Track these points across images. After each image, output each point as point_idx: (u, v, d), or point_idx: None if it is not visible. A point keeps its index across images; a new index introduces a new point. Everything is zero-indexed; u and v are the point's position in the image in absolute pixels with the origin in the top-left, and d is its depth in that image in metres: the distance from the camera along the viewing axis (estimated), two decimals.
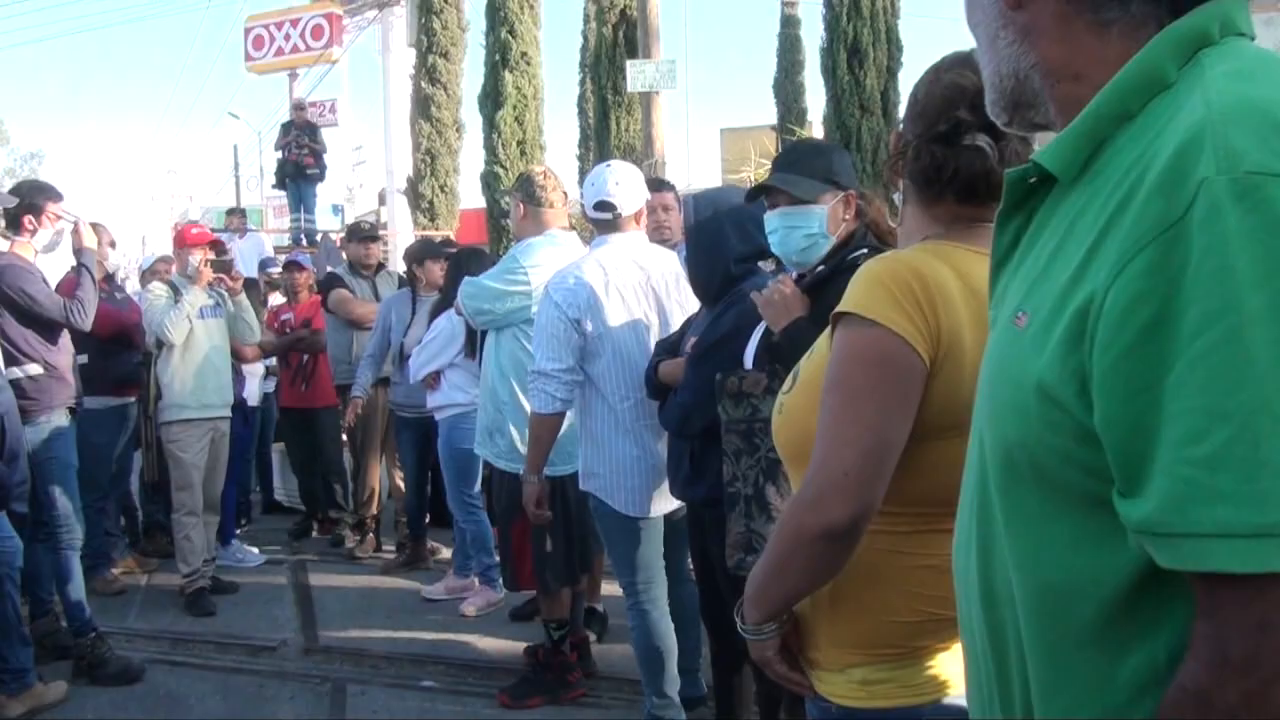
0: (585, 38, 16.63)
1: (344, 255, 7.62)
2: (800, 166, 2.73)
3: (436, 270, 6.16)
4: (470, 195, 17.15)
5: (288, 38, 26.61)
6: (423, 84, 16.61)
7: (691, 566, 3.87)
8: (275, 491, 8.55)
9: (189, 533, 5.68)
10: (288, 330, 7.31)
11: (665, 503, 3.67)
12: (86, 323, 4.82)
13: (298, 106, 15.01)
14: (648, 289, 3.72)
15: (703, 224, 3.38)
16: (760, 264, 3.32)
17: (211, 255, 5.87)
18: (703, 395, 3.05)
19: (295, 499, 8.09)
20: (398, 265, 9.05)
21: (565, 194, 4.50)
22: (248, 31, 27.14)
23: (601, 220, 3.76)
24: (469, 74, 16.44)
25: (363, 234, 7.18)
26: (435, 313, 5.59)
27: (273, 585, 6.23)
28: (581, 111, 21.68)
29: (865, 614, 1.64)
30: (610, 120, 14.87)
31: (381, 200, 21.95)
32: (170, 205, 41.68)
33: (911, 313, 1.51)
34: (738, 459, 2.84)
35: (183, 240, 5.92)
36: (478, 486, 5.57)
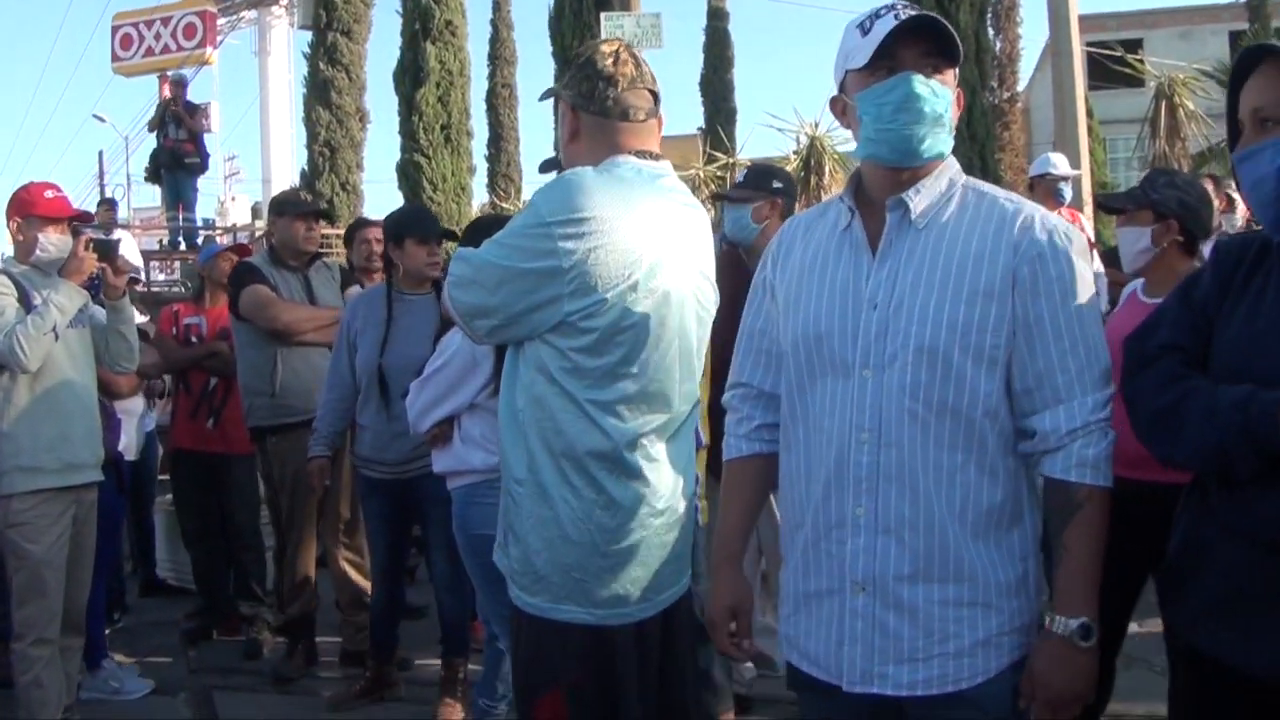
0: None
1: (264, 243, 5.49)
2: None
3: (422, 254, 4.15)
4: (377, 199, 15.05)
5: (158, 37, 24.73)
6: (321, 65, 14.46)
7: None
8: (159, 566, 6.38)
9: (39, 674, 3.55)
10: (194, 340, 5.18)
11: None
12: None
13: (176, 82, 12.66)
14: None
15: None
16: None
17: (89, 234, 3.75)
18: None
19: (187, 578, 5.95)
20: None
21: (656, 96, 2.28)
22: (115, 30, 25.06)
23: None
24: (374, 59, 14.35)
25: (301, 208, 4.95)
26: (446, 325, 3.53)
27: None
28: (491, 108, 19.78)
29: None
30: None
31: (255, 215, 19.79)
32: None
33: None
34: None
35: (29, 207, 3.73)
36: None
